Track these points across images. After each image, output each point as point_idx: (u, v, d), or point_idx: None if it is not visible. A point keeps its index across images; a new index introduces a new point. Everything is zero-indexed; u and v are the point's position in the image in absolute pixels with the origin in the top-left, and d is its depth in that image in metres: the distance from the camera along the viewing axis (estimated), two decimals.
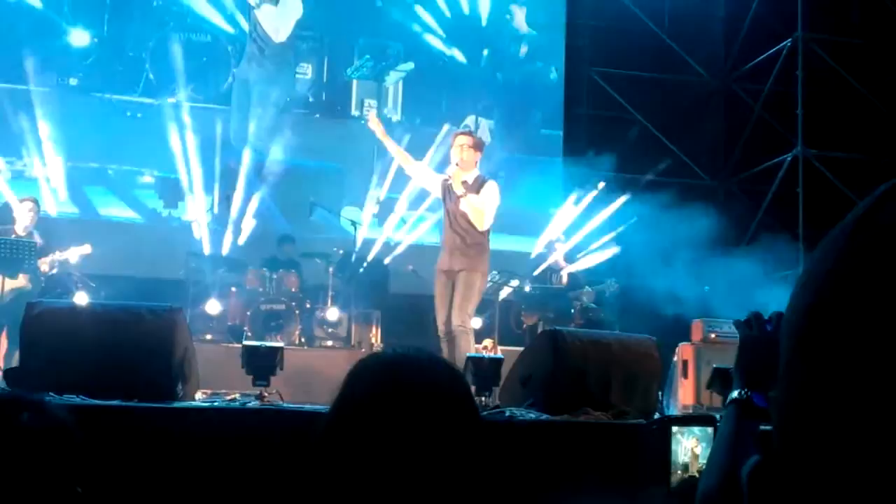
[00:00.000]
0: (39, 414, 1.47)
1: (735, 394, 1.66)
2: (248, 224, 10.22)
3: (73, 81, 10.66)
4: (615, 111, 11.61)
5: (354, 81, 11.53)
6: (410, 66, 11.54)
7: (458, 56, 11.78)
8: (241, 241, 10.05)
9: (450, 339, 6.55)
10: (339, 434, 1.33)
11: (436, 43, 11.70)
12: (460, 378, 1.43)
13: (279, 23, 11.09)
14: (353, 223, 9.71)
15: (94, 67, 10.70)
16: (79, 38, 10.66)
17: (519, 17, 12.02)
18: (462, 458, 1.32)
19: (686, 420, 3.12)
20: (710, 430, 2.90)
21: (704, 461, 2.88)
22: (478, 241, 6.72)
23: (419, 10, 11.63)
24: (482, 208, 6.66)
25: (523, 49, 12.04)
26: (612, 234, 10.61)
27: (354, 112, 11.46)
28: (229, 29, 11.21)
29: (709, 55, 12.12)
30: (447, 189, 6.80)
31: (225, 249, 9.86)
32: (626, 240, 10.52)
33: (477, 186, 6.72)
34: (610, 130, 11.42)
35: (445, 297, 6.67)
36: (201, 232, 9.87)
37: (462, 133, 7.02)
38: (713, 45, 12.22)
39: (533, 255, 10.49)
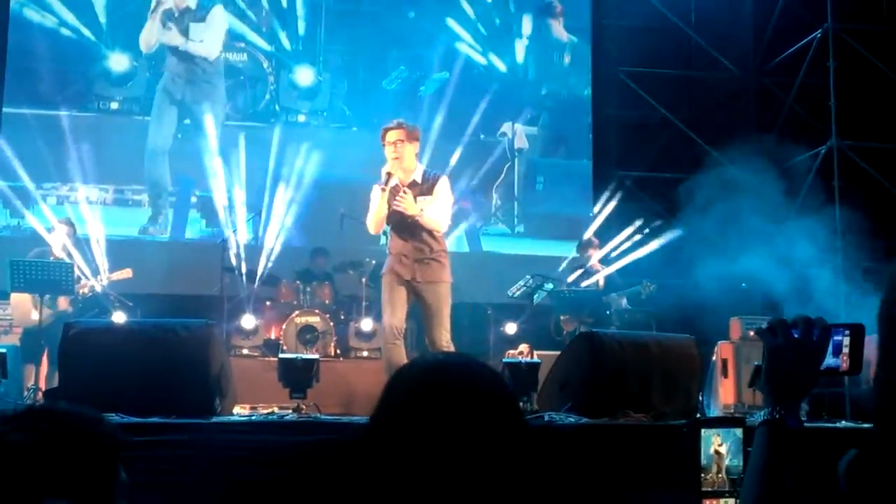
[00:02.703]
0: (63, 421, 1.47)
1: (764, 414, 1.54)
2: (280, 239, 10.27)
3: (113, 105, 10.81)
4: (644, 111, 11.51)
5: (390, 93, 11.57)
6: (445, 75, 11.53)
7: (497, 65, 11.76)
8: (273, 256, 10.09)
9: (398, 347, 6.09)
10: (383, 439, 1.32)
11: (470, 52, 11.69)
12: (503, 381, 1.40)
13: (211, 40, 11.04)
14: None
15: (134, 91, 10.83)
16: (118, 62, 10.78)
17: (556, 26, 11.97)
18: (506, 463, 1.30)
19: (715, 421, 3.06)
20: (738, 431, 2.84)
21: (729, 462, 2.82)
22: (442, 248, 6.14)
23: (452, 20, 11.62)
24: (442, 211, 6.05)
25: (567, 57, 11.99)
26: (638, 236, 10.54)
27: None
28: (266, 46, 11.30)
29: (738, 51, 11.98)
30: (393, 192, 6.03)
31: (258, 265, 9.89)
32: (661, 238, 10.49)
33: (429, 185, 6.09)
34: (639, 131, 11.33)
35: (400, 299, 6.05)
36: (235, 248, 9.91)
37: (391, 128, 6.09)
38: (742, 40, 12.07)
39: (567, 259, 10.45)
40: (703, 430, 2.76)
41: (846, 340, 1.62)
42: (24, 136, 10.04)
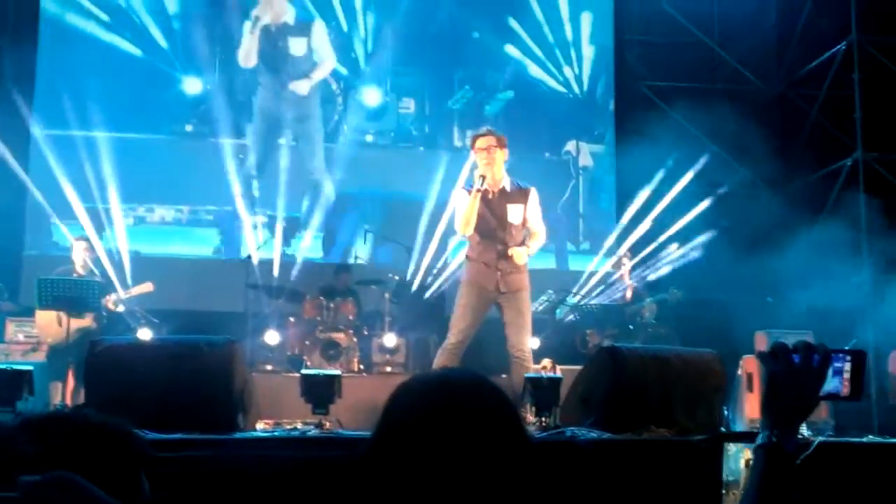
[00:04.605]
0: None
1: (762, 439, 1.56)
2: (303, 256, 10.34)
3: (188, 128, 11.02)
4: (667, 125, 11.47)
5: (455, 113, 11.63)
6: (510, 94, 11.61)
7: (561, 83, 11.86)
8: (296, 272, 10.12)
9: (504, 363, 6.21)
10: (383, 456, 1.31)
11: (536, 71, 11.79)
12: (506, 398, 1.39)
13: (324, 56, 11.26)
14: (408, 248, 9.76)
15: (207, 114, 10.97)
16: (192, 86, 11.01)
17: None
18: (509, 480, 1.29)
19: (737, 436, 3.03)
20: None
21: None
22: None
23: (517, 39, 11.74)
24: (541, 227, 6.26)
25: None
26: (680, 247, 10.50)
27: (457, 143, 11.51)
28: (341, 69, 11.49)
29: (762, 63, 11.93)
30: (488, 198, 6.13)
31: (283, 282, 9.93)
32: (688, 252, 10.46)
33: (518, 195, 6.22)
34: (663, 144, 11.29)
35: (476, 317, 6.17)
36: (259, 265, 9.97)
37: (482, 135, 6.22)
38: (766, 52, 12.03)
39: (600, 274, 10.44)
40: (732, 445, 2.74)
41: (847, 366, 1.65)
42: (99, 159, 10.20)
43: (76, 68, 10.59)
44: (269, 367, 8.59)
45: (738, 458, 2.80)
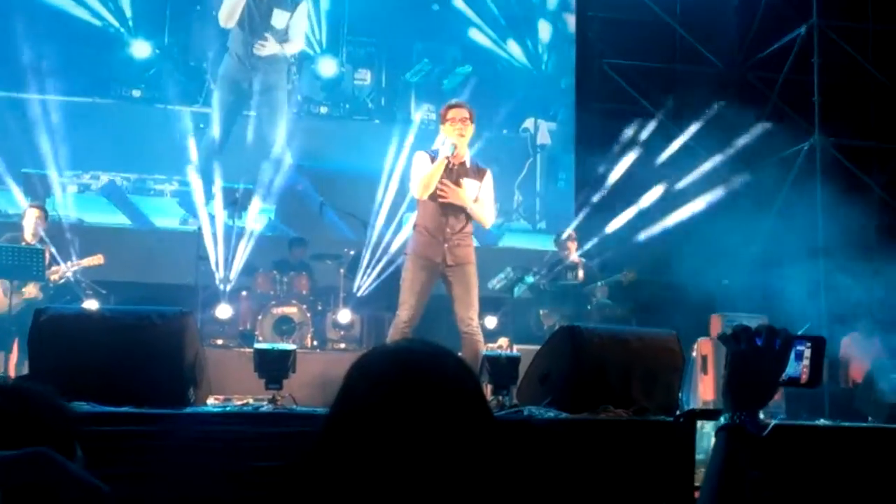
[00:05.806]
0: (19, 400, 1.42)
1: (724, 419, 1.54)
2: (258, 229, 10.16)
3: (135, 93, 10.70)
4: (628, 104, 11.47)
5: (413, 86, 11.47)
6: (468, 69, 11.48)
7: (519, 59, 11.79)
8: (250, 245, 9.96)
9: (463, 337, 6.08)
10: (343, 430, 1.26)
11: (493, 47, 11.70)
12: (469, 371, 1.35)
13: (297, 35, 11.11)
14: (364, 223, 9.63)
15: (156, 79, 10.70)
16: (141, 49, 10.71)
17: (572, 22, 11.97)
18: (472, 455, 1.25)
19: (712, 413, 2.99)
20: None
21: None
22: (471, 230, 6.19)
23: (476, 14, 11.62)
24: (491, 206, 6.18)
25: None
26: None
27: (414, 117, 11.35)
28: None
29: (722, 44, 11.96)
30: (448, 168, 5.98)
31: (235, 255, 9.75)
32: (644, 233, 10.48)
33: (476, 172, 6.11)
34: (622, 124, 11.29)
35: (423, 290, 6.06)
36: (211, 237, 9.77)
37: (456, 105, 6.07)
38: (727, 34, 12.05)
39: (547, 255, 10.41)
40: (707, 423, 2.69)
41: (807, 352, 1.63)
42: (45, 123, 9.91)
43: (18, 28, 10.21)
44: (219, 342, 8.46)
45: (710, 436, 2.75)
